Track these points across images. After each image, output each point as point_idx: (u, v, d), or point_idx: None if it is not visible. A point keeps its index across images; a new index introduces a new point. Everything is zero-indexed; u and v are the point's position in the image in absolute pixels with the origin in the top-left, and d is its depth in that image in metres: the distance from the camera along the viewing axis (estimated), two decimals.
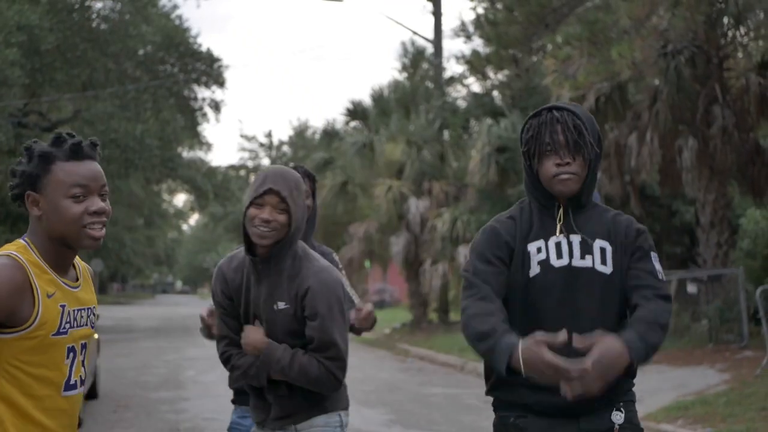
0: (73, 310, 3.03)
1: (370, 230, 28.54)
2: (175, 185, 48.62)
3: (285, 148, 68.49)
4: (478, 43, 25.23)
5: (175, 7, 31.92)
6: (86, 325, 3.10)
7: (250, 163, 70.32)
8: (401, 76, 38.38)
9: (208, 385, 16.54)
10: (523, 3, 17.30)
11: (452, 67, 29.19)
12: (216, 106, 32.23)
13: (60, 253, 3.00)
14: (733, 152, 18.41)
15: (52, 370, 2.97)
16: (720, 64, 18.62)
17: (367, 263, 32.49)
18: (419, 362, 21.45)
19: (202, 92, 31.51)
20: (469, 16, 25.82)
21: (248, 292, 4.02)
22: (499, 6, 20.24)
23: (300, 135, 64.13)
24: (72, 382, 3.05)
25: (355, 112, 31.24)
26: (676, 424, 11.92)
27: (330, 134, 35.01)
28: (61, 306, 2.98)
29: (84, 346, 3.10)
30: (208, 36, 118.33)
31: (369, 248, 29.12)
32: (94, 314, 3.15)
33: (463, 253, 25.32)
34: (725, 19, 18.39)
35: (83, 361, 3.10)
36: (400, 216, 27.23)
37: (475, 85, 28.14)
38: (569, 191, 3.61)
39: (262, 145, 70.34)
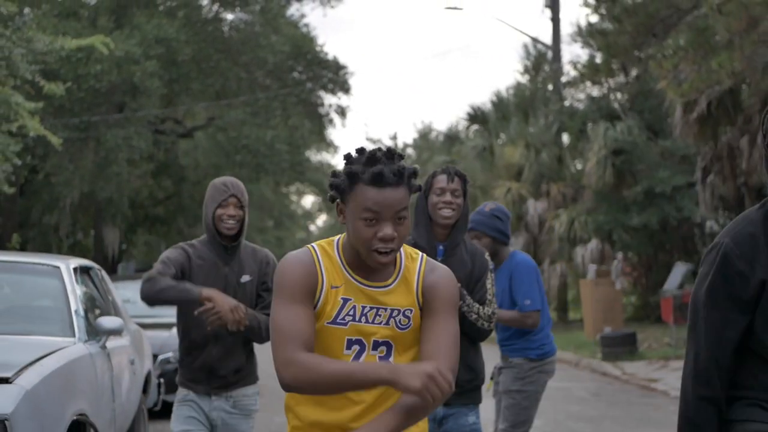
0: (363, 306, 3.14)
1: None
2: (303, 188, 50.12)
3: (409, 150, 69.59)
4: (591, 50, 25.75)
5: (303, 16, 33.04)
6: (384, 324, 3.16)
7: None
8: (523, 79, 39.09)
9: None
10: (631, 14, 17.94)
11: (571, 71, 29.64)
12: (342, 112, 33.37)
13: (359, 256, 3.14)
14: None
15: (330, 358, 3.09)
16: None
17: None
18: None
19: (329, 99, 32.69)
20: (584, 23, 26.25)
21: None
22: (608, 15, 20.84)
23: (424, 137, 65.12)
24: None
25: (476, 116, 32.14)
26: None
27: (451, 138, 35.97)
28: (343, 299, 3.13)
29: (382, 344, 3.17)
30: (332, 37, 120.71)
31: None
32: (404, 316, 3.18)
33: (581, 253, 26.00)
34: None
35: (382, 359, 3.17)
36: (519, 217, 28.01)
37: (592, 89, 28.70)
38: None
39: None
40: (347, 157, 3.14)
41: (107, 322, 6.87)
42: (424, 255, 3.27)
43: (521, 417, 6.61)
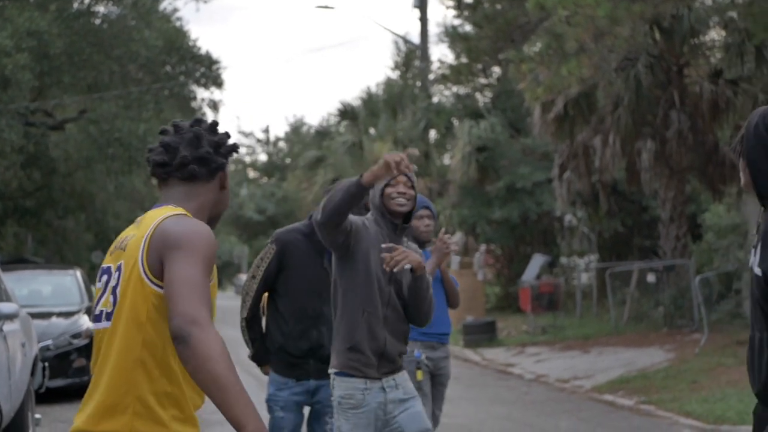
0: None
1: None
2: None
3: (281, 144, 70.04)
4: (455, 52, 26.79)
5: (176, 10, 33.28)
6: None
7: (247, 158, 71.85)
8: (394, 75, 40.07)
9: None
10: (491, 20, 18.89)
11: (438, 69, 30.72)
12: (214, 106, 33.76)
13: None
14: (689, 153, 20.02)
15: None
16: (680, 72, 20.26)
17: None
18: None
19: (201, 93, 33.05)
20: (450, 25, 27.31)
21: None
22: (470, 20, 21.77)
23: (295, 132, 65.67)
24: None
25: (346, 112, 32.89)
26: (617, 394, 13.64)
27: (322, 133, 36.68)
28: None
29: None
30: (206, 31, 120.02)
31: None
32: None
33: None
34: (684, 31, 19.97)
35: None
36: None
37: (458, 88, 29.74)
38: None
39: (259, 140, 71.79)
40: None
41: (4, 307, 7.38)
42: None
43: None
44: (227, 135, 3.39)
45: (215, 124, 3.38)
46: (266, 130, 76.51)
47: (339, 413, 5.15)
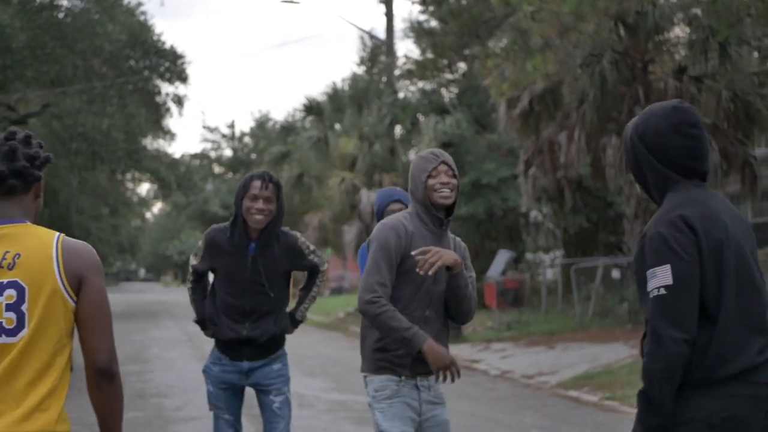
0: None
1: (324, 220, 30.20)
2: (140, 175, 49.92)
3: (247, 140, 69.81)
4: (420, 47, 26.77)
5: (140, 4, 33.02)
6: None
7: (212, 154, 71.56)
8: (359, 70, 40.01)
9: (170, 360, 18.19)
10: (456, 15, 18.87)
11: (404, 65, 30.78)
12: (179, 101, 33.58)
13: None
14: None
15: None
16: (644, 69, 20.30)
17: (328, 251, 34.01)
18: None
19: (166, 87, 32.85)
20: (415, 20, 27.39)
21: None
22: (435, 15, 21.74)
23: (261, 127, 65.47)
24: None
25: (311, 107, 32.83)
26: (582, 390, 13.65)
27: (287, 128, 36.58)
28: None
29: None
30: (171, 26, 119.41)
31: (323, 237, 30.75)
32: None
33: None
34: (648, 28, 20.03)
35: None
36: (353, 206, 28.83)
37: (424, 83, 29.73)
38: None
39: (224, 136, 71.54)
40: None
41: None
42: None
43: None
44: (40, 146, 3.45)
45: (29, 136, 3.41)
46: (231, 126, 76.27)
47: (374, 407, 4.93)
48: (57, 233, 3.32)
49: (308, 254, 6.04)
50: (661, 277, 3.36)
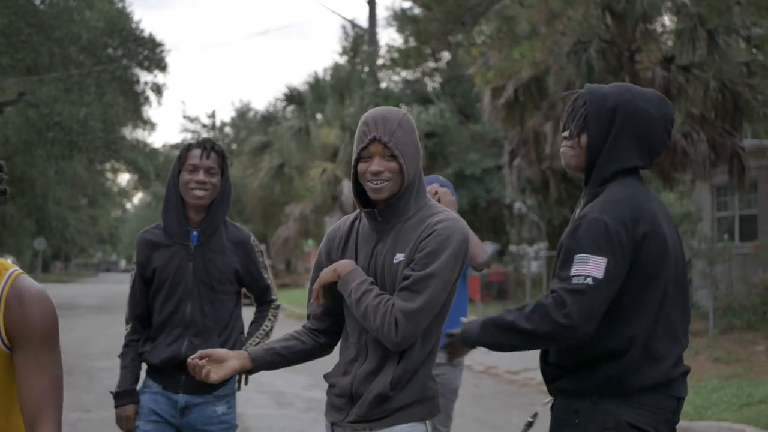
0: None
1: (305, 211, 29.81)
2: (119, 165, 49.49)
3: (227, 129, 69.36)
4: (404, 35, 26.41)
5: None
6: None
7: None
8: (341, 60, 39.61)
9: None
10: (440, 1, 18.52)
11: (387, 54, 30.46)
12: (158, 90, 33.14)
13: None
14: None
15: None
16: (632, 58, 19.98)
17: (309, 242, 33.66)
18: None
19: (145, 76, 32.41)
20: (398, 8, 27.10)
21: (356, 250, 3.43)
22: (418, 2, 21.40)
23: (242, 116, 65.06)
24: None
25: (292, 97, 32.43)
26: None
27: (268, 118, 36.20)
28: None
29: None
30: (150, 14, 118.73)
31: (304, 228, 30.38)
32: None
33: None
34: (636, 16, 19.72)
35: None
36: (334, 197, 28.46)
37: (407, 73, 29.38)
38: None
39: (204, 126, 71.10)
40: None
41: None
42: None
43: None
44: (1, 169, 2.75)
45: None
46: (212, 115, 75.87)
47: None
48: (12, 269, 2.56)
49: (261, 265, 4.68)
50: (593, 266, 3.19)
